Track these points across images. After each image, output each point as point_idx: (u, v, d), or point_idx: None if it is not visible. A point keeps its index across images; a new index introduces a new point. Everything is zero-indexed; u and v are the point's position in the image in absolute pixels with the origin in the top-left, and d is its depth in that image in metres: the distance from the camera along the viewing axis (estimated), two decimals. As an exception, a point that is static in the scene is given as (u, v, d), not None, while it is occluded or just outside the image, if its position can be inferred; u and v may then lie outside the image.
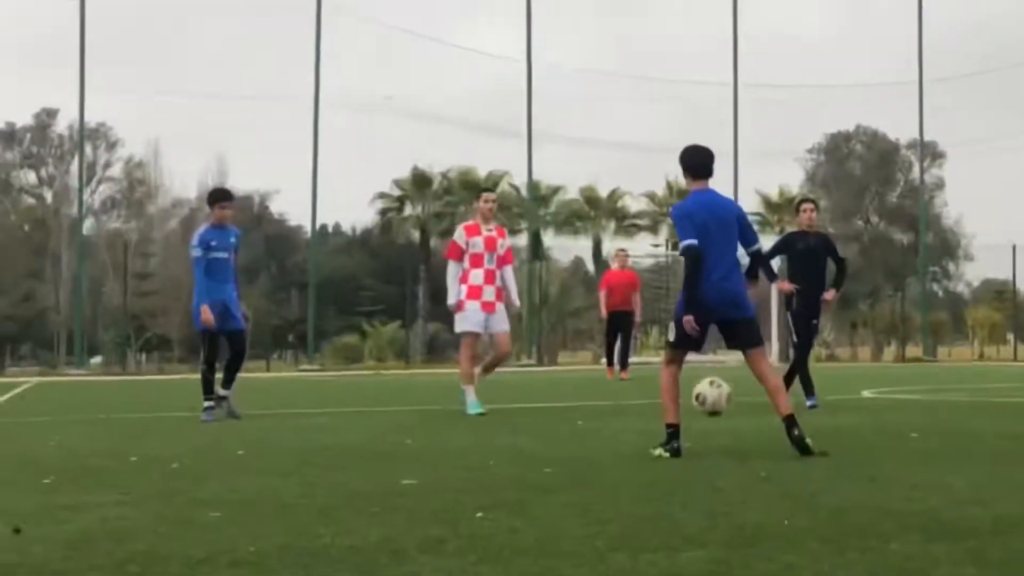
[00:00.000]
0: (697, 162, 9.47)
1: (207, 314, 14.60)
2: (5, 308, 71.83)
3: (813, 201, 15.78)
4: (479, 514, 6.09)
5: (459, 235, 15.02)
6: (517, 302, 15.42)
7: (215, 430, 12.83)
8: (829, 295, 15.19)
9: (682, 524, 5.68)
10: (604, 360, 29.40)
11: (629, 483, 7.30)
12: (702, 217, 9.20)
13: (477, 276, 14.79)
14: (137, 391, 26.78)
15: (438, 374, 40.37)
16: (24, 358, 79.32)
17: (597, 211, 68.79)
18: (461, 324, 14.86)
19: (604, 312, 27.44)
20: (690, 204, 9.33)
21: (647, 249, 63.74)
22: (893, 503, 6.25)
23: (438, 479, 7.68)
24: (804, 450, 8.80)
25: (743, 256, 9.49)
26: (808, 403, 14.89)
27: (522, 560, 4.86)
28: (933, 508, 6.07)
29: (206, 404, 14.70)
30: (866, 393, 19.05)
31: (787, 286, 15.19)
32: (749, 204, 68.98)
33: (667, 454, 8.90)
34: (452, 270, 14.93)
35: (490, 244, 14.88)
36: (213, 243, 14.79)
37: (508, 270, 15.09)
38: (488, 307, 14.78)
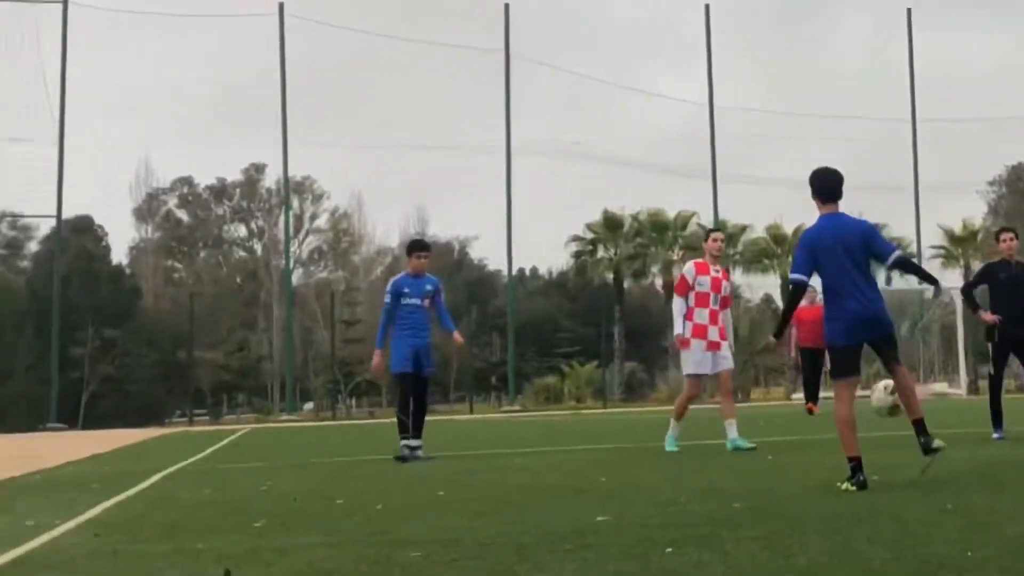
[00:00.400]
0: (824, 185, 9.51)
1: (377, 359, 15.62)
2: (220, 358, 74.13)
3: (1012, 230, 15.62)
4: (669, 549, 6.25)
5: (688, 271, 14.95)
6: (732, 345, 15.33)
7: (418, 472, 13.19)
8: None
9: (867, 557, 5.76)
10: (798, 396, 29.10)
11: (816, 516, 7.38)
12: (828, 243, 9.29)
13: (702, 315, 14.74)
14: (346, 435, 27.46)
15: (635, 412, 40.45)
16: (240, 405, 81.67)
17: (783, 248, 68.27)
18: (688, 366, 14.89)
19: (792, 349, 27.19)
20: (815, 231, 9.42)
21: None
22: (1079, 532, 6.24)
23: (630, 516, 7.85)
24: (928, 450, 9.30)
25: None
26: (995, 435, 14.97)
27: (707, 593, 5.02)
28: (1120, 537, 6.04)
29: (403, 443, 15.25)
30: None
31: (990, 317, 15.06)
32: (932, 238, 67.83)
33: (853, 487, 8.95)
34: (678, 304, 14.86)
35: (716, 285, 14.82)
36: (406, 290, 15.46)
37: (728, 312, 15.14)
38: (713, 346, 14.76)
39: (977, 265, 71.95)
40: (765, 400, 57.14)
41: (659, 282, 72.87)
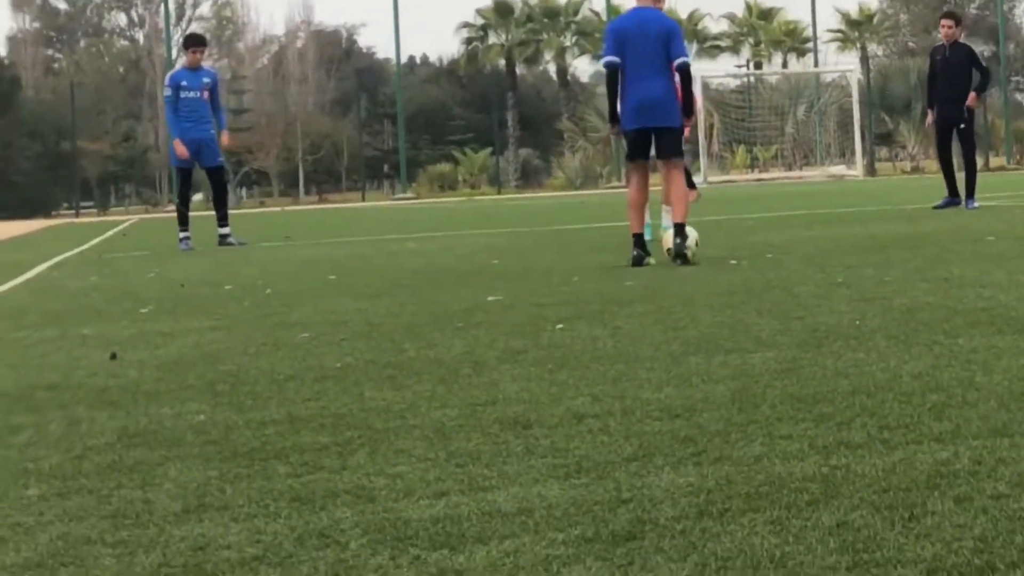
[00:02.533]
0: None
1: (180, 147, 15.80)
2: (106, 149, 72.70)
3: (952, 16, 17.01)
4: (560, 325, 6.25)
5: None
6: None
7: (309, 258, 13.09)
8: (970, 99, 16.27)
9: (756, 328, 5.80)
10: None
11: (708, 292, 7.43)
12: (628, 31, 9.88)
13: None
14: (236, 225, 27.18)
15: (530, 199, 40.55)
16: (128, 197, 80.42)
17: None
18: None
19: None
20: (619, 20, 10.11)
21: (730, 70, 63.13)
22: (964, 302, 6.32)
23: (522, 296, 7.85)
24: (679, 254, 9.57)
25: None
26: (969, 205, 16.13)
27: (599, 365, 5.01)
28: (1002, 305, 6.13)
29: (181, 235, 15.94)
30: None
31: (929, 121, 16.79)
32: (828, 22, 67.75)
33: (629, 262, 9.59)
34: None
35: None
36: (184, 83, 15.99)
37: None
38: None
39: (873, 48, 72.40)
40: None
41: (552, 68, 72.40)
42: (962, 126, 16.42)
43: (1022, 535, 2.60)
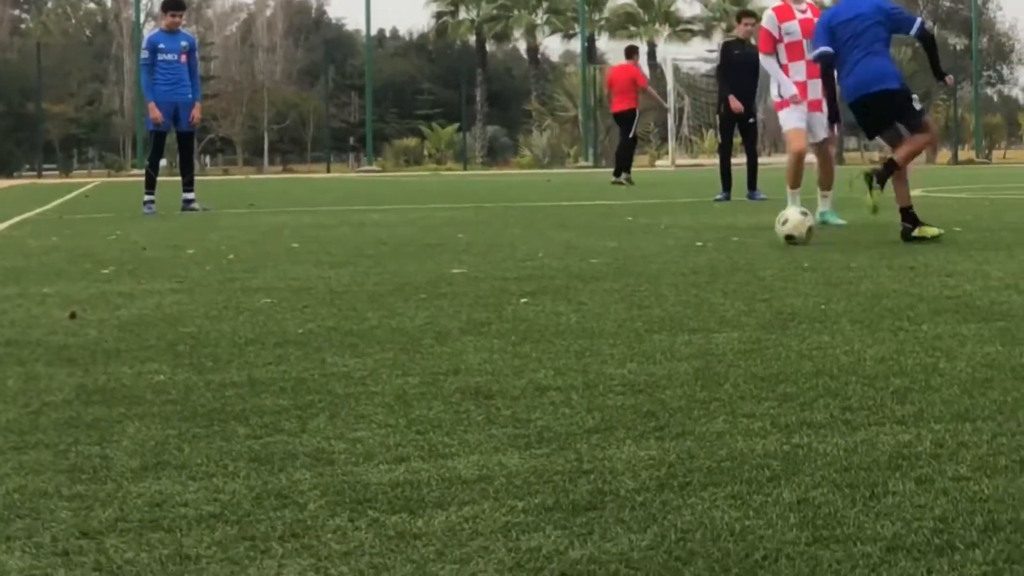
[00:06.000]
0: None
1: (154, 111, 15.76)
2: (70, 112, 72.20)
3: (752, 15, 17.62)
4: (524, 300, 6.24)
5: (769, 21, 11.68)
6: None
7: (272, 226, 13.02)
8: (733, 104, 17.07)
9: (721, 309, 5.80)
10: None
11: (673, 272, 7.43)
12: (836, 21, 9.65)
13: (799, 71, 11.47)
14: (199, 191, 27.05)
15: (496, 176, 40.52)
16: (91, 160, 79.90)
17: (651, 15, 68.02)
18: (790, 121, 11.61)
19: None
20: (830, 11, 9.92)
21: (701, 54, 63.29)
22: (929, 289, 6.35)
23: (487, 269, 7.83)
24: (908, 233, 9.27)
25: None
26: (755, 196, 16.93)
27: (562, 340, 5.01)
28: (967, 294, 6.16)
29: (146, 199, 15.86)
30: (916, 192, 18.88)
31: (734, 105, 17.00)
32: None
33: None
34: (770, 64, 11.71)
35: (808, 28, 11.15)
36: (161, 46, 15.90)
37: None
38: (815, 106, 11.39)
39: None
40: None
41: (522, 46, 72.37)
42: (751, 120, 17.29)
43: (982, 516, 2.62)
